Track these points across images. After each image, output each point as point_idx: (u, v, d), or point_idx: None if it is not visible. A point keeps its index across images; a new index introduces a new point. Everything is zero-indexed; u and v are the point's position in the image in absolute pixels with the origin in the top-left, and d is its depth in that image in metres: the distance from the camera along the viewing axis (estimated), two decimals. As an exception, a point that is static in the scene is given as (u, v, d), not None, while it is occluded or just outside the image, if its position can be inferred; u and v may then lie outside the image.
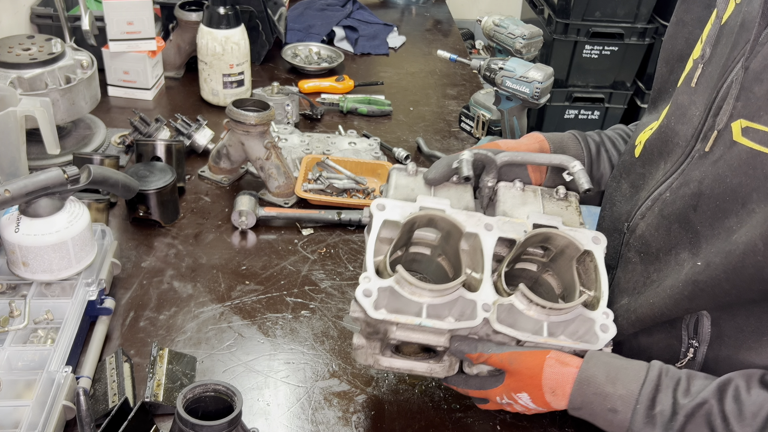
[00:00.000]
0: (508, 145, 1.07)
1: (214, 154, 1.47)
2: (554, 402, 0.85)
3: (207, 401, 0.79)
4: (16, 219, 1.03)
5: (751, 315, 0.82)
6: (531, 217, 0.95)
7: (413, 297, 0.85)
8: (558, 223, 0.95)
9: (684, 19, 0.98)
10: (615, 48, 3.26)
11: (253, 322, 1.15)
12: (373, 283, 0.85)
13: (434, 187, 0.99)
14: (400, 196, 0.96)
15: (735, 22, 0.85)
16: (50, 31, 1.81)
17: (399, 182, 0.98)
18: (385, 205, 0.92)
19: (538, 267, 0.99)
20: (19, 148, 1.22)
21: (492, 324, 0.85)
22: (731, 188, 0.80)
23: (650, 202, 0.93)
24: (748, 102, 0.79)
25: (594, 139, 1.13)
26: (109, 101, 1.74)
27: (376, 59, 2.16)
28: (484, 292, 0.87)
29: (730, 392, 0.78)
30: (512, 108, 1.40)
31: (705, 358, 0.89)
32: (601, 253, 0.92)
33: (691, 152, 0.88)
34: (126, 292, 1.18)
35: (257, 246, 1.32)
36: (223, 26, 1.67)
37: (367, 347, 0.92)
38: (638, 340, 0.97)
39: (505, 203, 0.98)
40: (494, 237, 0.91)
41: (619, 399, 0.81)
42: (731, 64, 0.83)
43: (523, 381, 0.86)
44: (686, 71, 0.93)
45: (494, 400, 0.92)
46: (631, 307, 0.95)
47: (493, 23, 1.61)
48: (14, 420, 0.88)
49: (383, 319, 0.83)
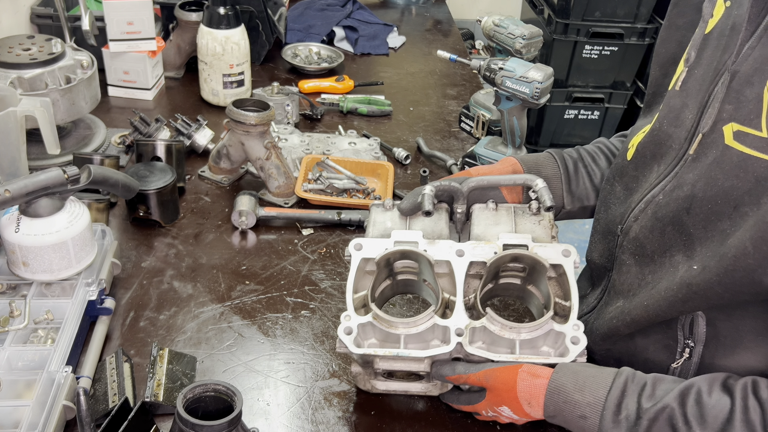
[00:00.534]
0: (480, 171, 1.09)
1: (214, 154, 1.47)
2: (532, 412, 0.89)
3: (207, 401, 0.79)
4: (16, 219, 1.03)
5: (746, 315, 0.83)
6: (501, 237, 1.00)
7: (390, 330, 0.92)
8: (528, 240, 0.99)
9: (676, 23, 0.98)
10: (615, 48, 3.26)
11: (253, 322, 1.15)
12: (353, 321, 0.92)
13: (410, 217, 1.04)
14: (378, 232, 1.03)
15: (725, 25, 0.85)
16: (50, 31, 1.81)
17: (377, 219, 1.05)
18: (362, 244, 0.99)
19: (521, 280, 1.04)
20: (19, 148, 1.22)
21: (465, 347, 0.91)
22: (723, 191, 0.81)
23: (643, 205, 0.94)
24: (739, 105, 0.80)
25: (572, 156, 1.14)
26: (109, 101, 1.74)
27: (376, 59, 2.16)
28: (456, 317, 0.94)
29: (692, 396, 0.80)
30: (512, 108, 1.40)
31: (701, 358, 0.89)
32: (571, 266, 0.97)
33: (684, 155, 0.88)
34: (126, 292, 1.18)
35: (257, 246, 1.32)
36: (223, 26, 1.67)
37: (364, 373, 0.99)
38: (634, 341, 0.97)
39: (478, 225, 1.04)
40: (466, 262, 0.97)
41: (587, 406, 0.84)
42: (722, 67, 0.83)
43: (501, 396, 0.89)
44: (677, 74, 0.93)
45: (481, 411, 0.95)
46: (626, 309, 0.95)
47: (493, 23, 1.61)
48: (14, 420, 0.88)
49: (364, 353, 0.90)
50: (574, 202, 1.11)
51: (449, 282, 0.99)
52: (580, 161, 1.14)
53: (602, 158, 1.15)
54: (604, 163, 1.14)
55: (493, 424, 1.00)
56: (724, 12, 0.87)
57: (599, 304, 1.06)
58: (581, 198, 1.12)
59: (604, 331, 1.00)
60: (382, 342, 0.94)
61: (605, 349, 1.02)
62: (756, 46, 0.79)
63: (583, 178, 1.12)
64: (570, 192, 1.11)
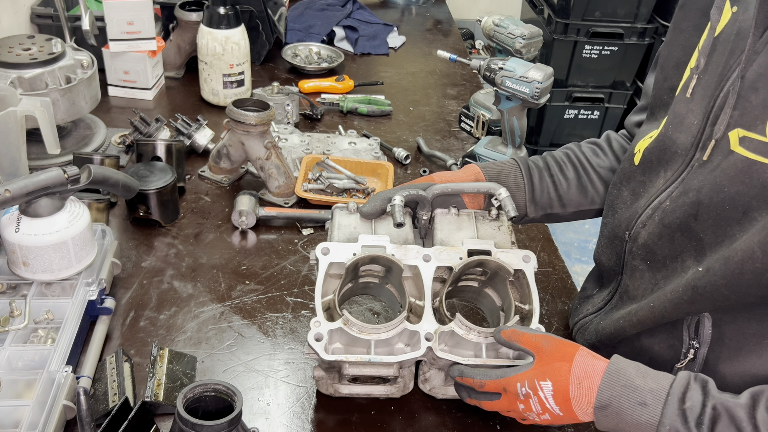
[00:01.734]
0: (443, 178, 1.08)
1: (215, 154, 1.47)
2: (577, 397, 0.82)
3: (207, 401, 0.79)
4: (17, 219, 1.03)
5: (752, 318, 0.83)
6: (465, 243, 1.01)
7: (361, 335, 0.92)
8: (491, 246, 1.01)
9: (681, 26, 0.98)
10: (615, 48, 3.26)
11: (253, 321, 1.15)
12: (323, 327, 0.92)
13: (375, 221, 1.04)
14: (344, 236, 1.02)
15: (731, 30, 0.85)
16: (50, 31, 1.81)
17: (341, 222, 1.04)
18: (329, 248, 0.98)
19: (479, 283, 1.07)
20: (19, 148, 1.22)
21: (435, 351, 0.92)
22: (730, 197, 0.80)
23: (650, 211, 0.93)
24: (745, 111, 0.79)
25: (537, 165, 1.13)
26: (109, 101, 1.74)
27: (376, 59, 2.16)
28: (426, 322, 0.95)
29: (763, 401, 0.76)
30: (512, 108, 1.40)
31: (705, 359, 0.89)
32: (531, 271, 0.99)
33: (690, 161, 0.88)
34: (126, 292, 1.18)
35: (257, 246, 1.32)
36: (224, 26, 1.67)
37: (327, 378, 0.99)
38: (640, 341, 0.97)
39: (442, 230, 1.04)
40: (432, 266, 0.99)
41: (649, 392, 0.78)
42: (727, 73, 0.83)
43: (551, 365, 0.84)
44: (683, 80, 0.93)
45: (512, 391, 0.87)
46: (633, 311, 0.95)
47: (493, 23, 1.61)
48: (14, 420, 0.88)
49: (335, 359, 0.91)
50: (537, 210, 1.11)
51: (413, 285, 1.00)
52: (545, 170, 1.13)
53: (569, 167, 1.14)
54: (571, 172, 1.14)
55: (493, 424, 1.00)
56: (730, 17, 0.86)
57: (606, 306, 1.06)
58: (544, 206, 1.11)
59: (610, 331, 1.00)
60: (348, 347, 0.95)
61: (610, 347, 1.02)
62: (762, 51, 0.79)
63: (547, 187, 1.11)
64: (533, 201, 1.10)
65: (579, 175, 1.13)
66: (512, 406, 0.89)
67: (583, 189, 1.13)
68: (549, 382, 0.84)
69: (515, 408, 0.88)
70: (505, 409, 0.90)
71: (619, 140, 1.17)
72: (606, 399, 0.80)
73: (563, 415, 0.84)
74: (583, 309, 1.12)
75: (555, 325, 1.21)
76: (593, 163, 1.15)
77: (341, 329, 0.92)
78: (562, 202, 1.12)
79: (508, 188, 1.07)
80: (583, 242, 3.29)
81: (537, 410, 0.86)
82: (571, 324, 1.16)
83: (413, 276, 1.00)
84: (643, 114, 1.09)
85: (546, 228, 1.45)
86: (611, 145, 1.17)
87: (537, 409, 0.86)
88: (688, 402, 0.77)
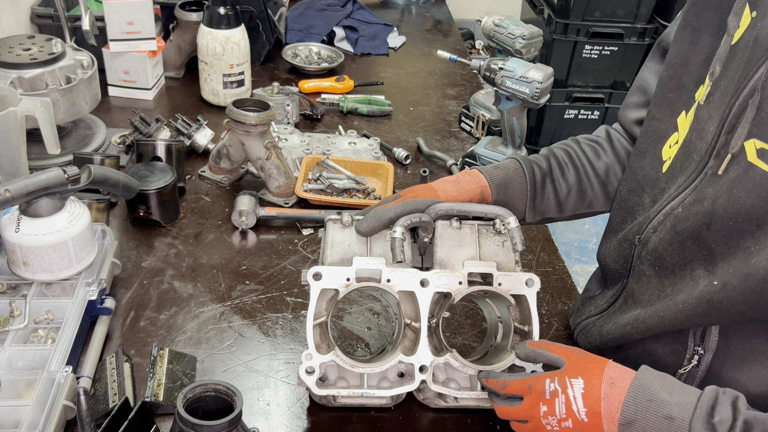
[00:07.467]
0: (447, 192, 1.05)
1: (215, 154, 1.47)
2: (609, 396, 0.80)
3: (207, 401, 0.79)
4: (17, 219, 1.03)
5: (760, 329, 0.82)
6: (466, 265, 0.97)
7: (354, 369, 0.93)
8: (492, 269, 0.97)
9: (692, 24, 0.94)
10: (615, 48, 3.26)
11: (253, 321, 1.15)
12: (315, 360, 0.92)
13: (370, 239, 0.99)
14: (337, 255, 0.97)
15: (750, 37, 0.82)
16: (50, 31, 1.81)
17: (335, 238, 0.99)
18: (322, 273, 0.94)
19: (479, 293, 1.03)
20: (19, 148, 1.22)
21: (429, 385, 0.92)
22: (745, 209, 0.79)
23: (662, 217, 0.91)
24: (761, 122, 0.77)
25: (541, 169, 1.10)
26: (109, 101, 1.74)
27: (376, 59, 2.16)
28: (421, 353, 0.94)
29: None
30: (512, 108, 1.40)
31: (709, 367, 0.88)
32: (533, 295, 0.97)
33: (704, 169, 0.86)
34: (126, 292, 1.18)
35: (257, 246, 1.32)
36: (224, 26, 1.67)
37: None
38: (644, 344, 0.97)
39: (442, 248, 1.00)
40: (430, 292, 0.96)
41: (675, 406, 0.77)
42: (744, 80, 0.80)
43: (585, 365, 0.84)
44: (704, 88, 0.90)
45: (539, 389, 0.85)
46: (641, 317, 0.94)
47: (493, 23, 1.61)
48: (14, 420, 0.88)
49: (327, 394, 0.91)
50: (536, 216, 1.10)
51: (410, 306, 0.98)
52: (548, 176, 1.10)
53: (570, 170, 1.12)
54: (572, 176, 1.11)
55: (493, 424, 1.00)
56: (749, 23, 0.83)
57: (610, 308, 1.05)
58: (543, 212, 1.10)
59: (617, 336, 0.99)
60: (340, 378, 0.96)
61: (614, 351, 1.01)
62: None
63: (548, 194, 1.10)
64: (533, 208, 1.09)
65: (580, 179, 1.11)
66: (533, 410, 0.85)
67: (583, 194, 1.11)
68: (581, 379, 0.82)
69: (535, 412, 0.85)
70: (524, 415, 0.87)
71: (620, 140, 1.14)
72: (632, 414, 0.79)
73: (588, 421, 0.81)
74: (585, 310, 1.12)
75: (555, 325, 1.21)
76: (595, 166, 1.12)
77: (333, 361, 0.92)
78: (561, 208, 1.11)
79: (512, 196, 1.05)
80: (583, 242, 3.28)
81: (560, 413, 0.83)
82: (573, 324, 1.16)
83: (409, 298, 0.98)
84: (643, 111, 1.06)
85: (546, 228, 1.45)
86: (612, 144, 1.14)
87: (561, 411, 0.83)
88: (717, 416, 0.75)
